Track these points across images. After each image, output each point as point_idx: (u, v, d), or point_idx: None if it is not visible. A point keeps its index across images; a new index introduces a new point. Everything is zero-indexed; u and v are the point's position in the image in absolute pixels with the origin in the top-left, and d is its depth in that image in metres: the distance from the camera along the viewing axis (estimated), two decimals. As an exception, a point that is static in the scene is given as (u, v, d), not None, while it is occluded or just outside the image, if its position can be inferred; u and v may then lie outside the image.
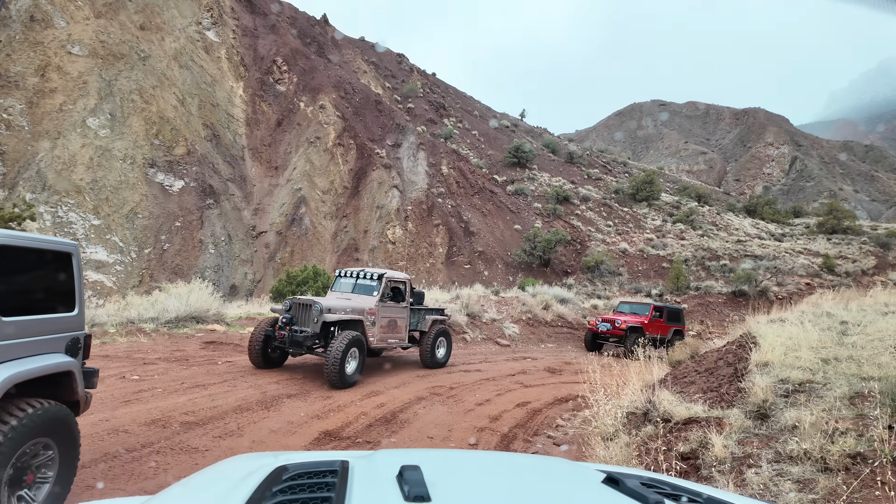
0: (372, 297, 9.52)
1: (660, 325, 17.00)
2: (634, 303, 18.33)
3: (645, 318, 16.71)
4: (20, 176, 22.89)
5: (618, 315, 17.30)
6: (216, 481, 1.35)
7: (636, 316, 16.98)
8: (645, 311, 17.13)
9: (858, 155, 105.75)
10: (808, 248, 35.50)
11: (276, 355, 8.96)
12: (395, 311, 9.89)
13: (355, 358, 8.36)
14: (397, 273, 10.24)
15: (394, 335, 9.88)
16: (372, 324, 9.27)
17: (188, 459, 4.80)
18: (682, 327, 18.16)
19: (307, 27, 45.52)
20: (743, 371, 5.25)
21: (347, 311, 8.86)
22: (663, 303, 19.45)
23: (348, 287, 10.01)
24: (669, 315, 17.57)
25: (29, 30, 25.62)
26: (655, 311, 17.09)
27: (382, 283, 9.66)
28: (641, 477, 1.37)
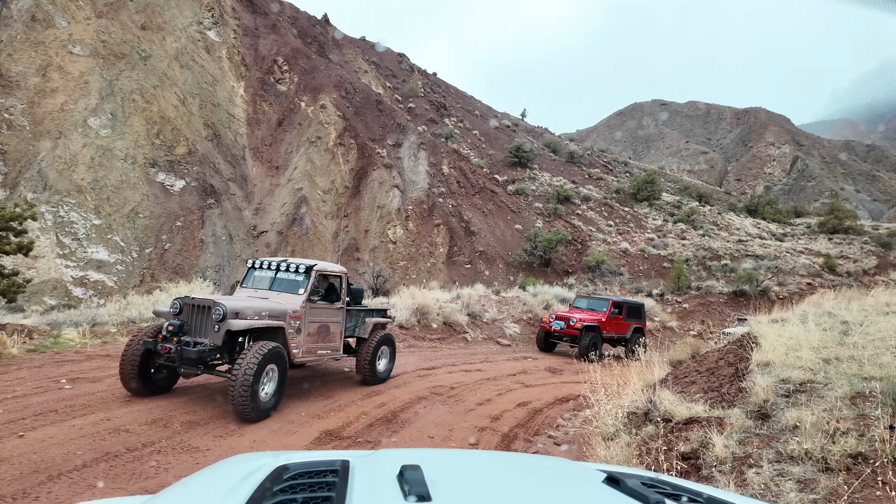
0: (297, 296, 7.38)
1: (618, 322, 15.69)
2: (592, 298, 16.77)
3: (602, 316, 15.23)
4: (21, 176, 22.91)
5: (573, 312, 15.76)
6: (217, 481, 1.35)
7: (593, 313, 15.48)
8: (603, 308, 15.58)
9: (860, 155, 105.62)
10: (809, 248, 35.47)
11: (162, 376, 6.77)
12: (328, 314, 7.83)
13: (273, 379, 6.33)
14: (331, 265, 8.21)
15: (325, 344, 7.76)
16: (297, 331, 7.18)
17: (189, 459, 4.81)
18: (643, 324, 16.86)
19: (308, 27, 45.53)
20: (744, 371, 5.25)
21: (263, 314, 6.73)
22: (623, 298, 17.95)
23: (265, 282, 7.83)
24: (629, 311, 16.15)
25: (30, 29, 25.64)
26: (614, 307, 15.63)
27: (312, 277, 7.52)
28: (642, 477, 1.36)
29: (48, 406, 5.82)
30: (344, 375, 9.25)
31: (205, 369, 6.40)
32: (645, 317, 17.18)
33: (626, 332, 15.90)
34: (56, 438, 4.92)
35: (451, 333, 15.17)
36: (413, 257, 29.13)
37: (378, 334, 8.68)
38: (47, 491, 3.94)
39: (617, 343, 16.03)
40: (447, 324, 15.39)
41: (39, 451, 4.61)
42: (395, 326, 13.95)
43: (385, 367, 8.87)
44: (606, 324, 15.17)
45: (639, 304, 17.13)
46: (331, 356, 7.95)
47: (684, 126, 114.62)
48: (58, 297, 20.25)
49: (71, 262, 21.72)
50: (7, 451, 4.54)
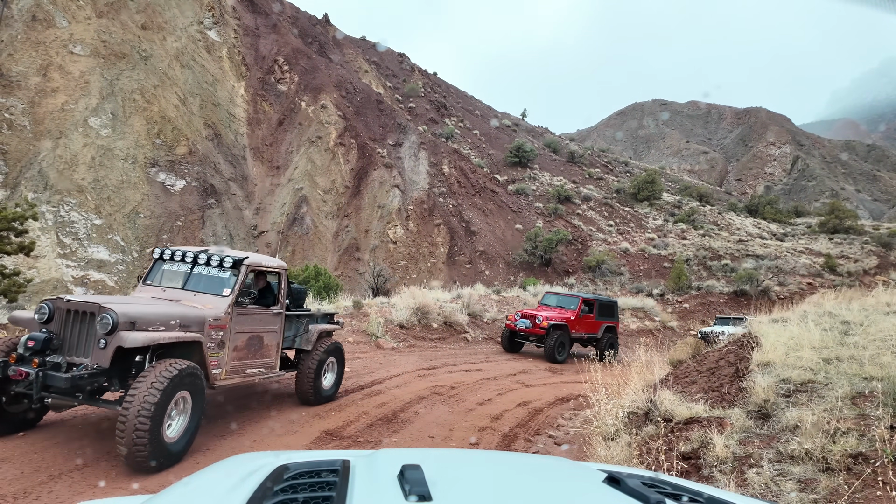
0: (221, 298, 5.65)
1: (589, 321, 14.83)
2: (562, 295, 15.84)
3: (571, 314, 14.35)
4: (22, 175, 22.93)
5: (541, 309, 14.76)
6: (217, 480, 1.35)
7: (562, 311, 14.57)
8: (572, 305, 14.69)
9: (860, 154, 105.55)
10: (809, 248, 35.46)
11: (22, 409, 4.86)
12: (262, 322, 6.16)
13: (184, 412, 4.72)
14: (266, 258, 6.63)
15: (257, 360, 6.11)
16: (219, 344, 5.48)
17: (189, 458, 4.81)
18: (615, 323, 15.97)
19: (308, 27, 45.53)
20: (744, 371, 5.25)
21: (172, 323, 4.95)
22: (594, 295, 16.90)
23: (177, 279, 6.01)
24: (601, 309, 15.30)
25: (31, 29, 25.66)
26: (585, 304, 14.75)
27: (241, 273, 5.82)
28: (642, 476, 1.37)
29: (49, 406, 5.81)
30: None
31: (85, 398, 4.60)
32: (618, 315, 16.45)
33: (598, 331, 15.10)
34: (57, 438, 4.92)
35: (452, 333, 15.17)
36: (413, 257, 29.14)
37: (324, 344, 7.10)
38: (48, 490, 3.94)
39: (587, 343, 15.27)
40: (447, 323, 15.39)
41: (40, 451, 4.61)
42: (395, 326, 13.94)
43: (331, 384, 7.28)
44: (575, 322, 14.31)
45: (611, 301, 16.43)
46: (264, 375, 6.26)
47: (685, 126, 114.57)
48: (58, 297, 20.24)
49: (72, 262, 21.73)
50: (8, 450, 4.55)
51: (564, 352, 13.67)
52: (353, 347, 12.02)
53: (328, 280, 17.58)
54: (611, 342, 15.33)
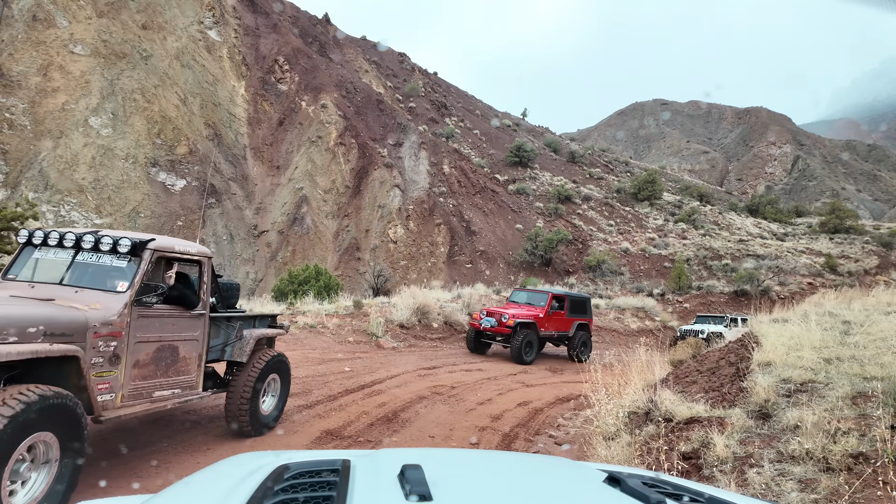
0: (115, 295, 4.14)
1: (560, 318, 13.90)
2: (532, 291, 14.96)
3: (541, 311, 13.41)
4: (23, 175, 22.94)
5: (509, 306, 13.87)
6: (218, 480, 1.35)
7: (531, 308, 13.62)
8: (542, 302, 13.75)
9: (861, 154, 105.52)
10: (810, 248, 35.45)
11: None
12: (177, 327, 4.63)
13: (47, 462, 3.33)
14: (182, 242, 4.89)
15: (170, 378, 4.59)
16: (111, 359, 3.98)
17: (190, 458, 4.81)
18: (588, 320, 14.98)
19: (309, 26, 45.54)
20: (745, 371, 5.25)
21: (32, 330, 3.40)
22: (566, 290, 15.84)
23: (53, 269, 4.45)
24: (573, 306, 14.36)
25: (31, 29, 25.67)
26: (555, 300, 13.82)
27: (144, 261, 4.31)
28: (643, 476, 1.36)
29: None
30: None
31: None
32: (591, 312, 15.49)
33: (569, 329, 14.17)
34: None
35: (452, 333, 15.17)
36: (414, 257, 29.14)
37: (264, 356, 5.55)
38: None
39: (559, 342, 14.40)
40: (448, 323, 15.40)
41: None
42: (396, 326, 13.92)
43: (272, 407, 5.74)
44: (545, 320, 13.37)
45: (584, 297, 15.54)
46: (181, 399, 4.71)
47: (685, 125, 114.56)
48: (59, 297, 20.27)
49: (72, 262, 21.75)
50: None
51: (532, 352, 12.78)
52: (353, 347, 12.03)
53: (328, 280, 17.59)
54: (584, 341, 14.46)
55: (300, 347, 11.33)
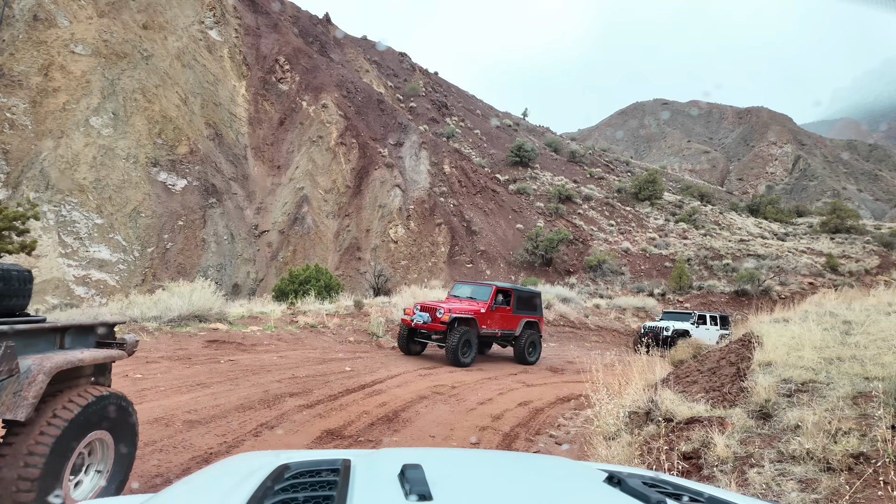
0: None
1: (505, 315, 12.37)
2: (475, 283, 13.30)
3: (482, 306, 11.86)
4: (24, 175, 22.96)
5: (449, 301, 12.42)
6: (218, 480, 1.35)
7: (472, 303, 12.14)
8: (485, 296, 12.24)
9: (862, 154, 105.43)
10: (811, 248, 35.42)
11: None
12: None
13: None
14: None
15: None
16: None
17: (191, 458, 4.81)
18: (538, 318, 13.39)
19: (309, 26, 45.54)
20: (745, 370, 5.24)
21: None
22: (512, 284, 14.09)
23: None
24: (520, 301, 12.86)
25: (32, 29, 25.69)
26: (500, 294, 12.37)
27: None
28: (643, 476, 1.36)
29: (50, 405, 5.82)
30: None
31: None
32: (542, 308, 13.83)
33: (516, 327, 12.63)
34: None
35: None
36: (414, 257, 29.14)
37: (72, 403, 3.02)
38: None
39: (504, 342, 12.96)
40: (448, 323, 15.37)
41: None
42: (396, 326, 13.88)
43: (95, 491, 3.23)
44: (486, 316, 11.82)
45: (533, 292, 13.82)
46: None
47: (686, 125, 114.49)
48: (60, 296, 20.29)
49: (73, 262, 21.76)
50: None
51: (470, 352, 11.23)
52: (354, 347, 12.03)
53: (329, 280, 17.60)
54: (532, 341, 12.88)
55: (301, 347, 11.34)
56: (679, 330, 16.97)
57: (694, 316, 18.05)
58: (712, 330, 17.81)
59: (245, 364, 8.93)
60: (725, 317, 19.17)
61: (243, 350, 10.18)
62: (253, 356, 9.82)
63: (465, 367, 10.96)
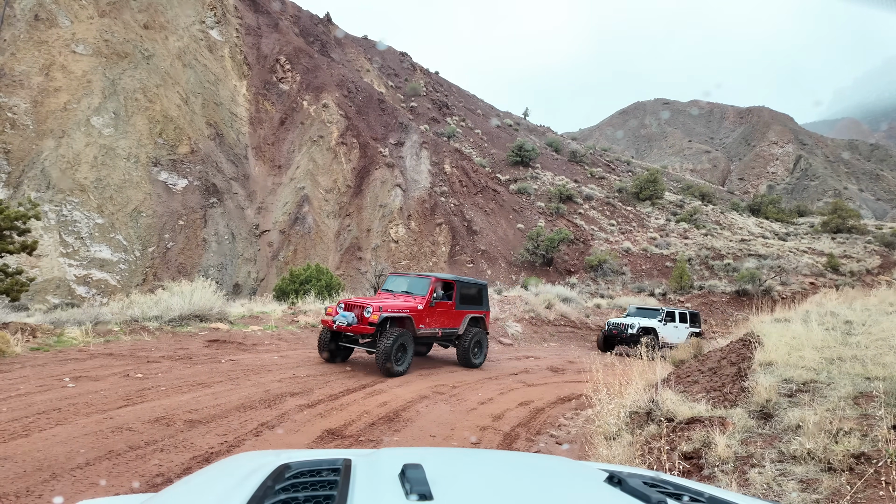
0: None
1: (446, 311, 10.67)
2: (412, 276, 11.31)
3: (420, 302, 10.16)
4: (25, 175, 22.98)
5: (381, 297, 10.71)
6: (219, 479, 1.36)
7: (407, 298, 10.41)
8: (423, 290, 10.50)
9: (863, 154, 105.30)
10: (812, 248, 35.38)
11: None
12: None
13: None
14: None
15: None
16: None
17: (191, 457, 4.82)
18: (484, 313, 11.74)
19: (310, 26, 45.55)
20: (746, 370, 5.24)
21: None
22: (454, 276, 11.98)
23: None
24: (463, 296, 11.18)
25: (33, 29, 25.71)
26: (440, 288, 10.63)
27: None
28: (644, 476, 1.36)
29: (51, 404, 5.84)
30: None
31: None
32: (488, 303, 12.13)
33: (459, 325, 10.99)
34: (59, 437, 4.93)
35: None
36: (415, 256, 29.14)
37: None
38: (50, 489, 3.95)
39: (446, 342, 11.32)
40: (449, 323, 15.37)
41: (43, 449, 4.62)
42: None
43: None
44: (425, 314, 10.12)
45: (478, 283, 11.95)
46: None
47: (687, 125, 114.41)
48: (61, 296, 20.32)
49: (74, 261, 21.78)
50: (11, 449, 4.55)
51: (405, 358, 9.45)
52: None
53: (330, 279, 17.61)
54: (477, 340, 11.25)
55: (302, 347, 11.34)
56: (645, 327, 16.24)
57: (662, 313, 17.19)
58: (681, 328, 17.13)
59: (246, 364, 8.94)
60: (696, 314, 18.39)
61: (244, 350, 10.19)
62: (254, 356, 9.82)
63: (398, 376, 9.22)
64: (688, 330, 17.18)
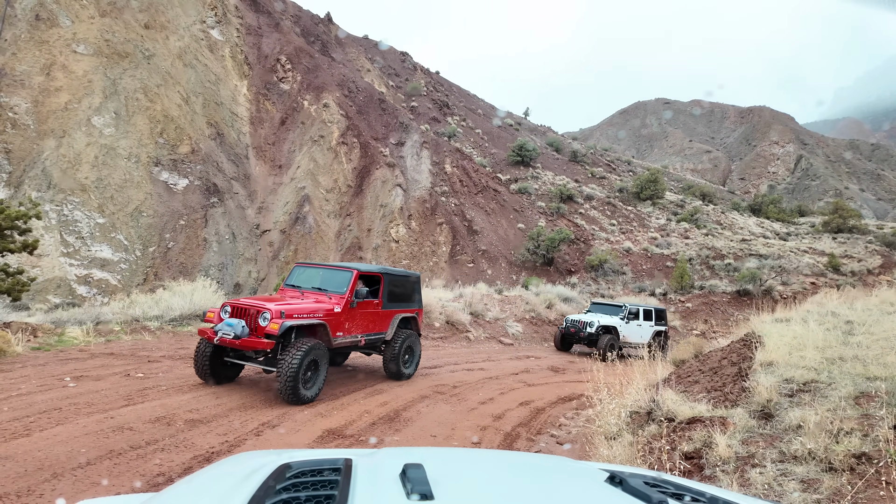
0: None
1: (370, 313, 8.44)
2: (325, 267, 8.85)
3: (337, 302, 7.85)
4: (26, 174, 23.00)
5: (284, 296, 8.51)
6: (220, 479, 1.36)
7: (320, 298, 8.01)
8: (341, 286, 8.09)
9: (864, 153, 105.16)
10: (813, 248, 35.34)
11: None
12: None
13: None
14: None
15: None
16: None
17: (192, 456, 4.82)
18: (416, 311, 9.56)
19: (311, 25, 45.55)
20: (747, 370, 5.24)
21: None
22: (381, 267, 9.40)
23: None
24: (392, 291, 8.93)
25: (34, 29, 25.72)
26: (364, 283, 8.72)
27: None
28: (645, 476, 1.36)
29: (52, 404, 5.85)
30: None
31: None
32: (421, 298, 9.87)
33: (386, 328, 8.83)
34: (60, 436, 4.94)
35: (454, 332, 15.17)
36: (416, 256, 29.14)
37: None
38: (52, 488, 3.95)
39: (369, 350, 9.10)
40: (450, 322, 15.40)
41: (44, 448, 4.63)
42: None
43: None
44: (343, 317, 7.83)
45: (409, 276, 9.55)
46: None
47: (688, 125, 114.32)
48: (62, 296, 20.33)
49: (75, 261, 21.80)
50: (12, 448, 4.56)
51: (317, 379, 7.10)
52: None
53: (330, 279, 17.59)
54: (409, 345, 9.15)
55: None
56: (605, 326, 15.06)
57: (625, 310, 15.96)
58: (645, 326, 16.11)
59: (246, 363, 8.93)
60: (662, 311, 17.20)
61: (245, 349, 10.18)
62: (254, 355, 9.80)
63: (307, 403, 6.88)
64: (652, 328, 16.21)
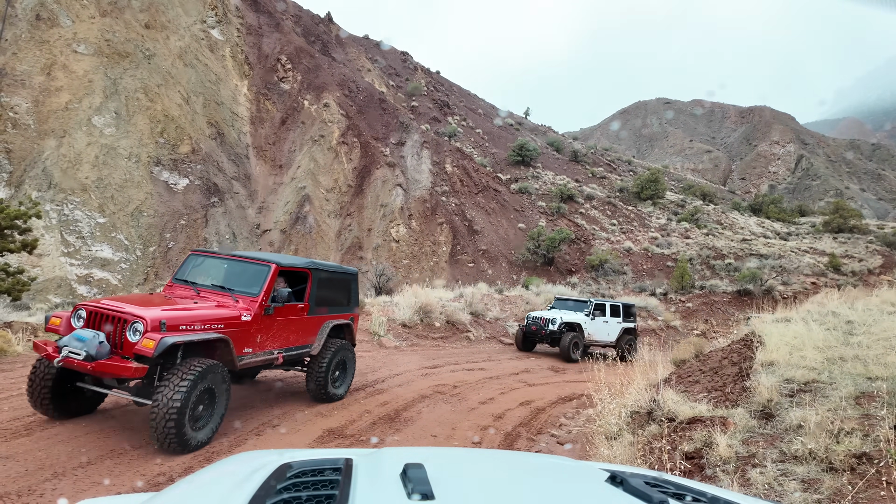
0: None
1: (293, 320, 6.44)
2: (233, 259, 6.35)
3: (245, 307, 5.70)
4: (26, 174, 23.01)
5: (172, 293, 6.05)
6: (221, 478, 1.36)
7: (224, 301, 5.76)
8: (254, 285, 5.93)
9: (865, 153, 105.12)
10: (813, 247, 35.32)
11: None
12: None
13: None
14: None
15: None
16: None
17: (193, 456, 4.82)
18: (351, 316, 7.71)
19: (311, 25, 45.56)
20: (748, 370, 5.23)
21: None
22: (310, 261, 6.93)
23: None
24: (321, 292, 6.94)
25: (35, 28, 25.73)
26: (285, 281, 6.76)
27: None
28: (645, 476, 1.36)
29: (53, 403, 5.84)
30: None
31: None
32: (357, 300, 7.98)
33: (313, 340, 6.89)
34: (61, 436, 4.94)
35: (454, 332, 15.17)
36: (416, 256, 29.14)
37: None
38: (52, 488, 3.96)
39: (290, 367, 7.15)
40: (450, 322, 15.39)
41: (45, 448, 4.63)
42: (398, 325, 13.90)
43: None
44: (254, 328, 5.81)
45: (346, 272, 7.73)
46: None
47: (688, 124, 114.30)
48: (62, 295, 20.34)
49: (75, 261, 21.81)
50: (13, 448, 4.56)
51: (213, 414, 5.13)
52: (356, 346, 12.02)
53: (331, 279, 17.58)
54: (342, 360, 7.27)
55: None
56: (569, 323, 14.16)
57: (590, 305, 14.99)
58: (612, 322, 15.22)
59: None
60: (629, 306, 16.13)
61: (245, 349, 10.18)
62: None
63: (197, 448, 4.90)
64: (620, 325, 15.37)
